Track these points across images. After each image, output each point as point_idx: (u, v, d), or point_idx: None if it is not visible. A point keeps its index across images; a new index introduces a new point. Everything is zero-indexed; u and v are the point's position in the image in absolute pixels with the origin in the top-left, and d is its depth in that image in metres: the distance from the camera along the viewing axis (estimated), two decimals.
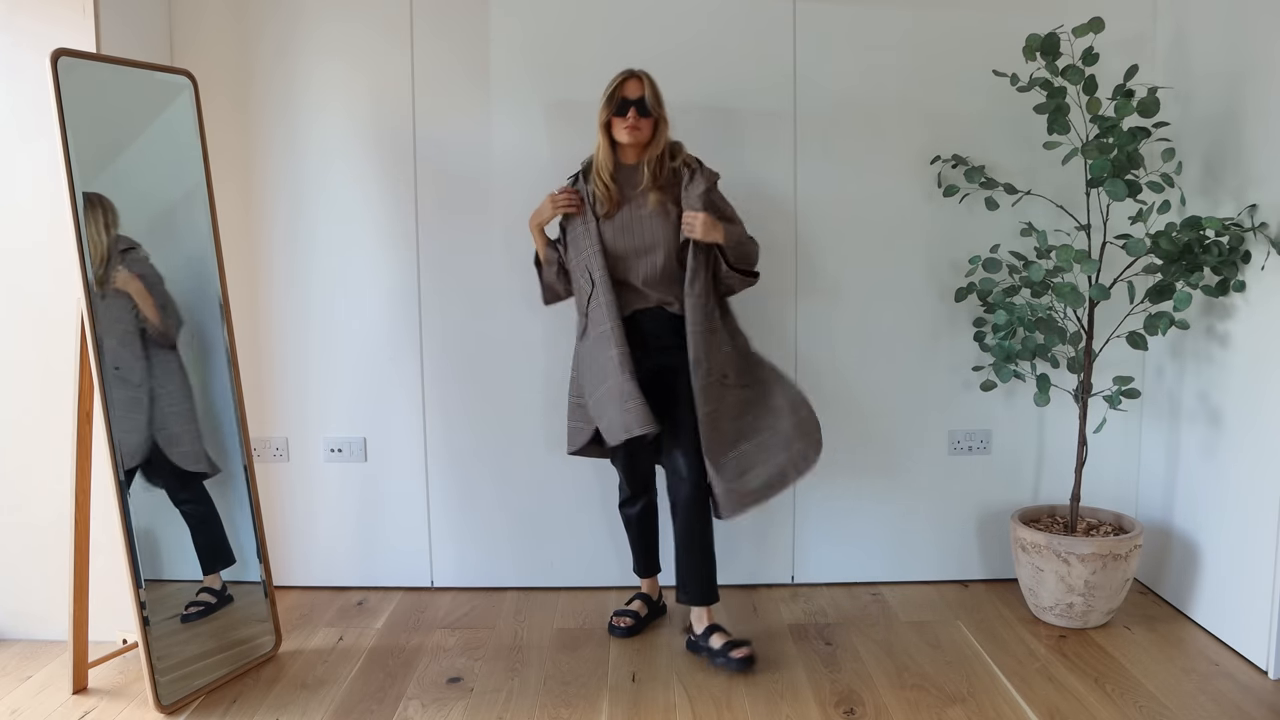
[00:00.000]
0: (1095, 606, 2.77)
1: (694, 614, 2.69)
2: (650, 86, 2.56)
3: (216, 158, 2.92)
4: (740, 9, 2.99)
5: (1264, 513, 2.53)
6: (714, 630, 2.63)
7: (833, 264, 3.08)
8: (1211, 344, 2.78)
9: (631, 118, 2.54)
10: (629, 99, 2.54)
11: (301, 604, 3.08)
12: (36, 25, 2.58)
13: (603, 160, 2.61)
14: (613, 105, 2.55)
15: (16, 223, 2.67)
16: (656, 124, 2.58)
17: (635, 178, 2.62)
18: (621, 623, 2.81)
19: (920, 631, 2.84)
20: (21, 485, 2.75)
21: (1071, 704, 2.38)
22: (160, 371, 2.48)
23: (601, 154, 2.61)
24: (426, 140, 3.03)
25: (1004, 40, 2.91)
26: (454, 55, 3.01)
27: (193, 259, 2.61)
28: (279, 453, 3.16)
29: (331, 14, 2.99)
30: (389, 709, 2.41)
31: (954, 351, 3.12)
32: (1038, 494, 3.19)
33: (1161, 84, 2.87)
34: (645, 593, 2.93)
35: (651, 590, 2.95)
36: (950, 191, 2.95)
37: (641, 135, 2.56)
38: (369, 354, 3.11)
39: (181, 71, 2.59)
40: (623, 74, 2.58)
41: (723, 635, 2.61)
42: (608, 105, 2.57)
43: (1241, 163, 2.63)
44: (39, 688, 2.52)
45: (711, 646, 2.60)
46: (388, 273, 3.08)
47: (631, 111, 2.54)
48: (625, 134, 2.55)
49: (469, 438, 3.14)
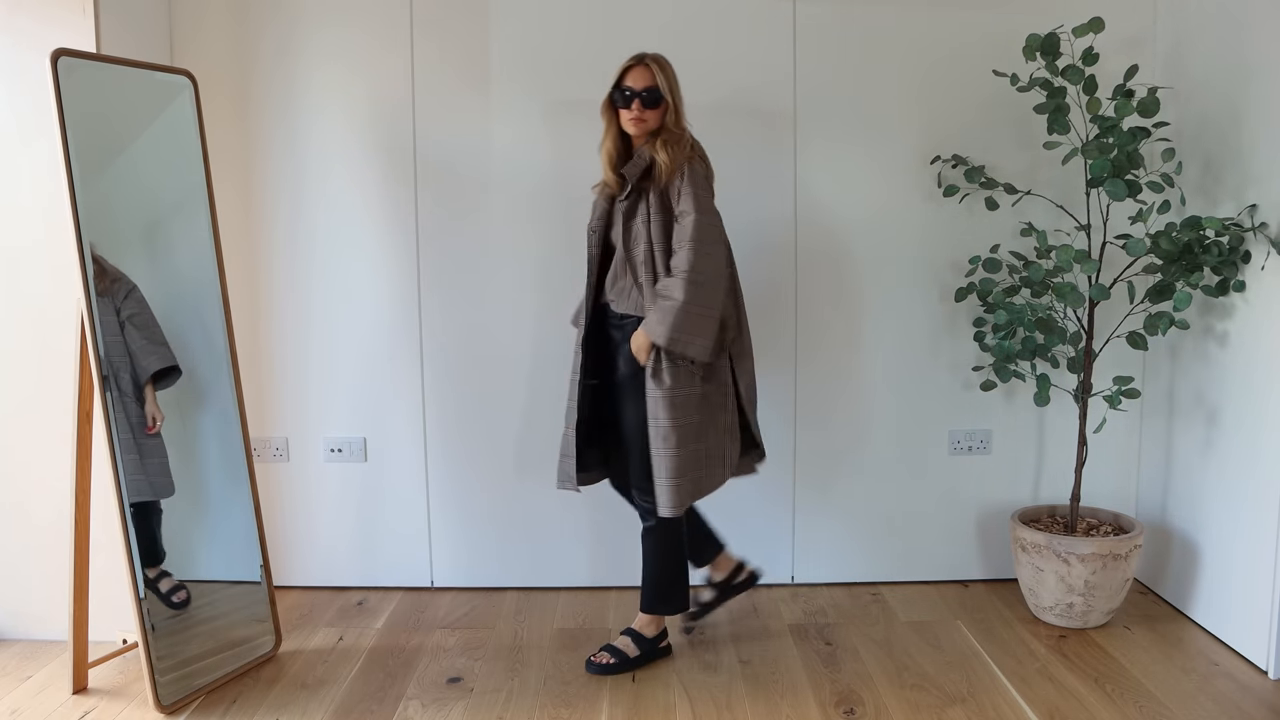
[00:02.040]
0: (1095, 606, 2.77)
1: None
2: (660, 73, 2.43)
3: (216, 158, 2.92)
4: (740, 9, 2.99)
5: (1264, 513, 2.53)
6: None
7: (832, 264, 3.08)
8: (1211, 344, 2.78)
9: (635, 109, 2.43)
10: (633, 89, 2.44)
11: (301, 604, 3.08)
12: (36, 25, 2.58)
13: (610, 147, 2.52)
14: (615, 96, 2.47)
15: (16, 223, 2.67)
16: (676, 111, 2.46)
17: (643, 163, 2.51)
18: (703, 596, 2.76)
19: (920, 631, 2.84)
20: (21, 484, 2.75)
21: (1071, 704, 2.38)
22: None
23: (609, 140, 2.52)
24: (426, 140, 3.03)
25: (1004, 40, 2.91)
26: (454, 55, 3.01)
27: (193, 259, 2.61)
28: (279, 453, 3.16)
29: (332, 14, 2.99)
30: (389, 709, 2.41)
31: (954, 351, 3.12)
32: (1038, 494, 3.19)
33: (1161, 84, 2.87)
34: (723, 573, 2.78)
35: (724, 568, 2.78)
36: (950, 191, 2.95)
37: (648, 125, 2.46)
38: (369, 354, 3.12)
39: (181, 72, 2.59)
40: (630, 60, 2.46)
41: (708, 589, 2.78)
42: (611, 93, 2.48)
43: (1241, 163, 2.63)
44: (39, 688, 2.52)
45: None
46: (388, 273, 3.08)
47: (635, 103, 2.43)
48: (632, 125, 2.45)
49: (469, 438, 3.14)
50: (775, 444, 3.11)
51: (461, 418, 3.13)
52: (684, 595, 2.65)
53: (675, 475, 2.41)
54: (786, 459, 3.14)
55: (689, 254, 2.35)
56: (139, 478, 2.40)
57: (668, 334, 2.34)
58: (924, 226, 3.07)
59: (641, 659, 2.62)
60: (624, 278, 2.53)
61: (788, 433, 3.13)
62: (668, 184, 2.43)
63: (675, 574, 2.62)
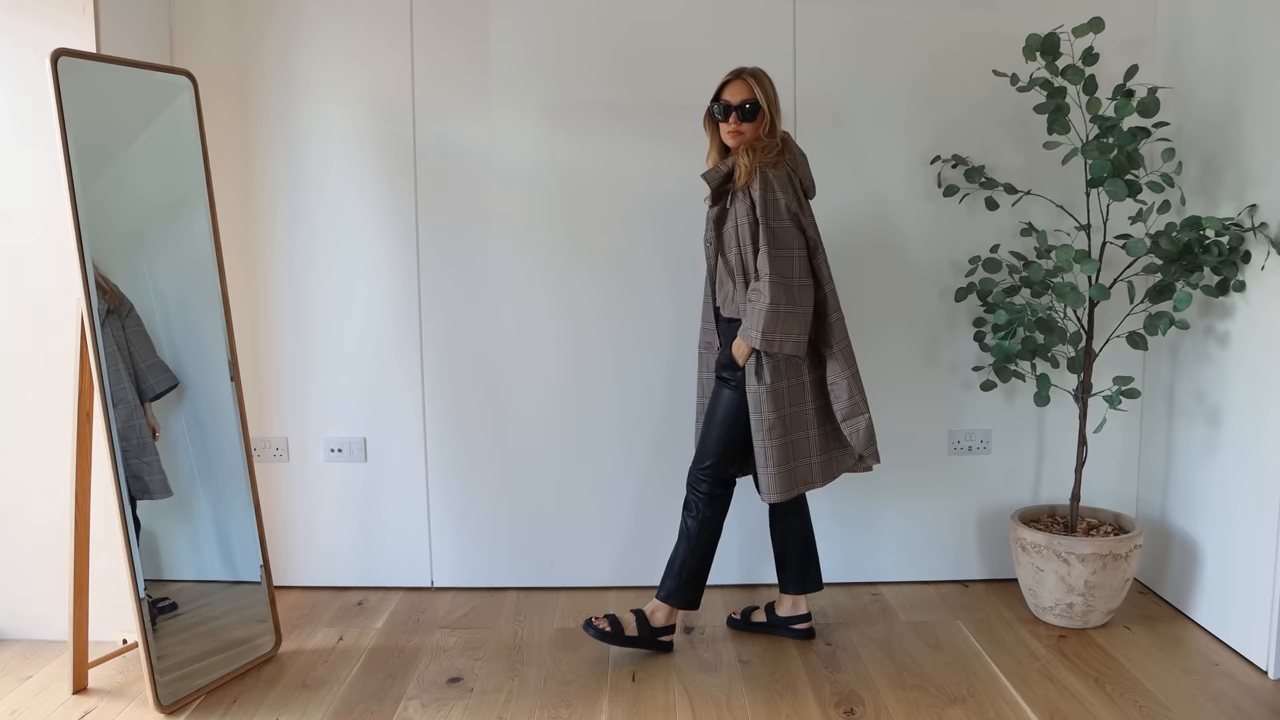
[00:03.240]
0: (1095, 606, 2.77)
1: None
2: (760, 87, 2.49)
3: (216, 158, 2.92)
4: (741, 9, 2.99)
5: (1264, 512, 2.53)
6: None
7: (833, 264, 3.07)
8: (1211, 344, 2.78)
9: (733, 122, 2.50)
10: (730, 104, 2.50)
11: (301, 604, 3.08)
12: (36, 26, 2.58)
13: (714, 158, 2.61)
14: (714, 110, 2.54)
15: (16, 222, 2.67)
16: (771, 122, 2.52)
17: None
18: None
19: (920, 631, 2.84)
20: (21, 484, 2.75)
21: (1071, 704, 2.38)
22: None
23: (713, 152, 2.61)
24: (426, 140, 3.03)
25: (1004, 40, 2.92)
26: (454, 55, 3.01)
27: (192, 260, 2.61)
28: (279, 453, 3.16)
29: (332, 14, 2.99)
30: (389, 709, 2.41)
31: (954, 351, 3.12)
32: (1038, 494, 3.19)
33: (1161, 84, 2.87)
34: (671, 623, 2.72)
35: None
36: (950, 191, 2.95)
37: (745, 138, 2.51)
38: (369, 354, 3.12)
39: (181, 72, 2.59)
40: (729, 74, 2.53)
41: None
42: (710, 106, 2.56)
43: (1241, 163, 2.63)
44: (39, 688, 2.52)
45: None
46: (388, 273, 3.08)
47: (733, 116, 2.49)
48: (730, 138, 2.52)
49: (469, 438, 3.14)
50: None
51: (462, 417, 3.13)
52: (697, 593, 2.68)
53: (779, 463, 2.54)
54: None
55: (765, 258, 2.45)
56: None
57: (760, 336, 2.45)
58: (924, 226, 3.07)
59: (637, 641, 2.64)
60: (726, 284, 2.62)
61: None
62: (747, 188, 2.50)
63: (696, 567, 2.66)
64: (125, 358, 2.41)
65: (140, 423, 2.43)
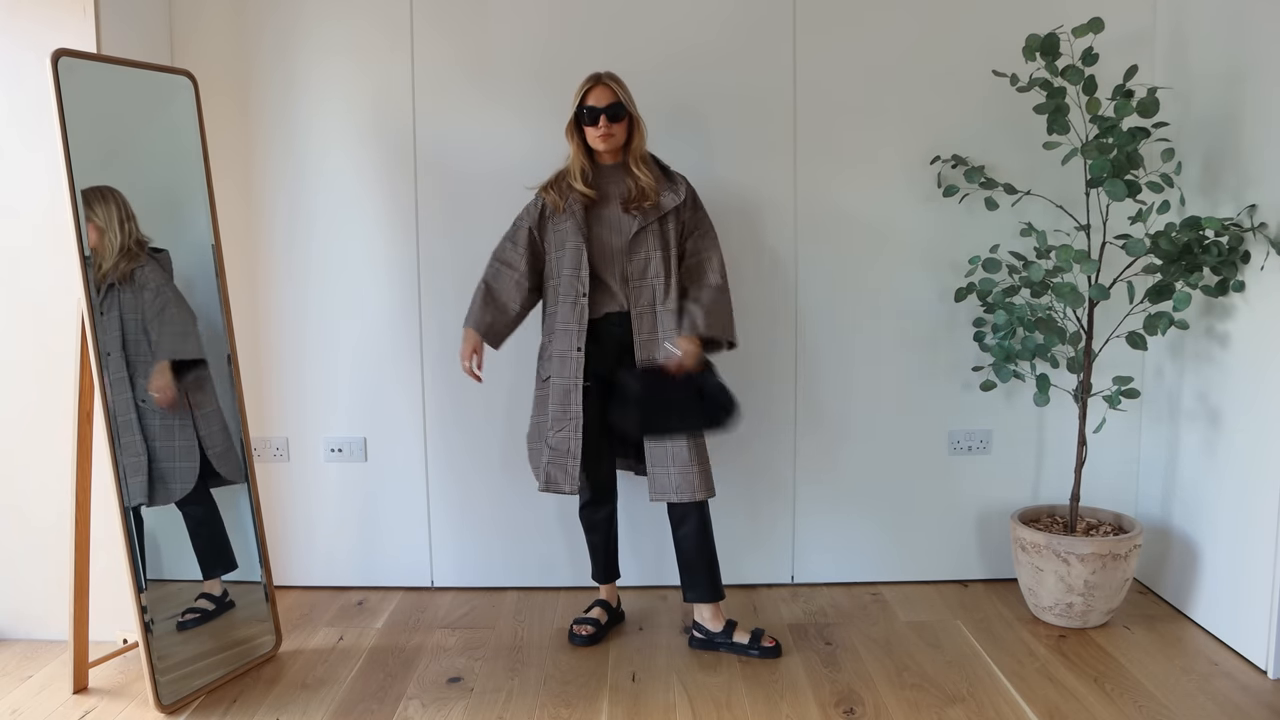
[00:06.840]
0: (1095, 606, 2.78)
1: (705, 612, 2.70)
2: (619, 89, 2.57)
3: (216, 157, 2.92)
4: (741, 9, 2.99)
5: (1264, 512, 2.53)
6: (734, 626, 2.70)
7: (832, 264, 3.08)
8: (1211, 344, 2.78)
9: (603, 125, 2.55)
10: (597, 107, 2.55)
11: (301, 604, 3.08)
12: (37, 26, 2.58)
13: (579, 167, 2.62)
14: (581, 115, 2.57)
15: (16, 222, 2.67)
16: (631, 124, 2.60)
17: (615, 176, 2.64)
18: (583, 630, 2.77)
19: (920, 631, 2.84)
20: (22, 485, 2.75)
21: (1071, 704, 2.38)
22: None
23: (577, 161, 2.62)
24: (426, 140, 3.04)
25: (1004, 40, 2.92)
26: (454, 55, 3.01)
27: (193, 259, 2.61)
28: (279, 453, 3.16)
29: (332, 14, 2.99)
30: (389, 709, 2.41)
31: (954, 351, 3.12)
32: (1037, 494, 3.19)
33: (1161, 84, 2.87)
34: (604, 599, 2.90)
35: (610, 596, 2.91)
36: (950, 191, 2.95)
37: (616, 140, 2.58)
38: (369, 354, 3.12)
39: (181, 71, 2.59)
40: (588, 81, 2.58)
41: (744, 630, 2.70)
42: (576, 115, 2.59)
43: (1241, 163, 2.63)
44: (39, 688, 2.53)
45: (738, 642, 2.67)
46: (388, 272, 3.08)
47: (602, 119, 2.55)
48: (599, 141, 2.57)
49: (469, 438, 3.14)
50: (776, 443, 3.12)
51: (462, 417, 3.13)
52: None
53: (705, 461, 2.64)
54: (787, 458, 3.14)
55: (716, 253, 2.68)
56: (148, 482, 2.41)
57: (727, 327, 2.62)
58: (924, 226, 3.07)
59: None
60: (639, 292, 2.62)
61: (788, 432, 3.13)
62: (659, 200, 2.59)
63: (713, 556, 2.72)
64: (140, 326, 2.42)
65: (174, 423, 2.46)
